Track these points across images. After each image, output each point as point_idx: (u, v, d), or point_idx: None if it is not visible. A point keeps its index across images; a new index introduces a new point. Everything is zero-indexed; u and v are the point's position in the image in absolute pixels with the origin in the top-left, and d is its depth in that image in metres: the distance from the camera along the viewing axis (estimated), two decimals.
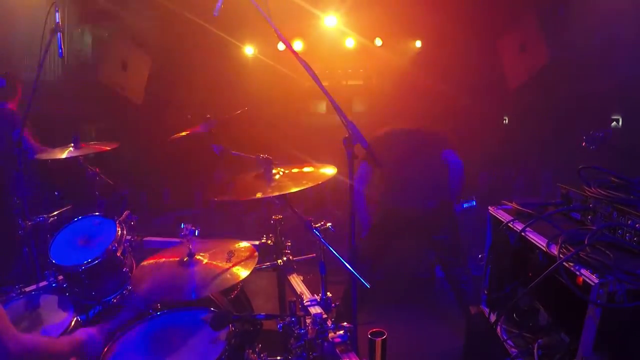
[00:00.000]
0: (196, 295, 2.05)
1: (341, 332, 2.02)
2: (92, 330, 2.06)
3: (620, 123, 5.07)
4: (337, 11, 6.17)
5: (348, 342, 2.01)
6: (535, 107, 6.01)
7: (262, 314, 2.17)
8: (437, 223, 3.82)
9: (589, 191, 2.13)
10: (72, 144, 3.14)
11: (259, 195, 2.17)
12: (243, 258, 2.26)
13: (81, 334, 2.02)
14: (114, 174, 3.38)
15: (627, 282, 1.59)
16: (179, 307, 2.37)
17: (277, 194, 2.13)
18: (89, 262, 2.53)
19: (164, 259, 2.33)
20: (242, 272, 2.17)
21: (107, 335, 2.09)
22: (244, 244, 2.43)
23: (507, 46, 6.30)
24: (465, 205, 4.08)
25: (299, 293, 2.43)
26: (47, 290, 2.64)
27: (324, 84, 2.05)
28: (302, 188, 2.14)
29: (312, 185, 2.17)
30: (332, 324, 2.06)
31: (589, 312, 1.64)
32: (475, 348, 2.72)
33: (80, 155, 3.12)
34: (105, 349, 2.05)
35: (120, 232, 2.72)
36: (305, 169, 2.43)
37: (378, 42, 6.73)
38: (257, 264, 2.26)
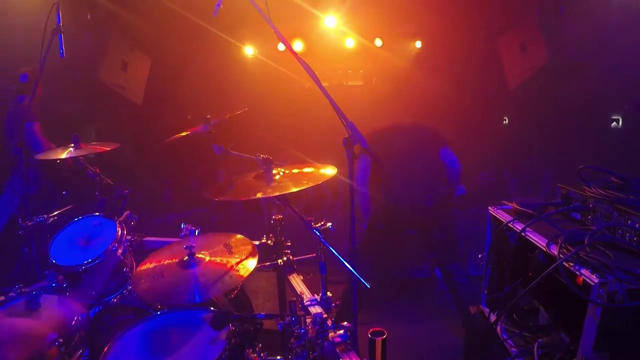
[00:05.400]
0: (200, 299, 2.04)
1: (341, 331, 2.02)
2: (65, 299, 1.96)
3: (620, 123, 5.07)
4: (337, 11, 6.16)
5: (348, 341, 2.01)
6: (535, 106, 6.01)
7: (262, 313, 2.17)
8: (434, 220, 3.83)
9: (589, 191, 2.13)
10: (72, 144, 3.15)
11: (259, 195, 2.17)
12: (244, 256, 2.25)
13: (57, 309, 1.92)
14: (114, 173, 3.39)
15: (627, 281, 1.59)
16: (179, 307, 2.36)
17: (277, 194, 2.13)
18: (89, 262, 2.54)
19: (164, 260, 2.31)
20: (248, 266, 2.16)
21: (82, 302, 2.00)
22: (239, 236, 2.42)
23: (507, 46, 6.30)
24: (457, 194, 4.09)
25: (299, 293, 2.43)
26: (47, 290, 2.63)
27: (324, 84, 2.05)
28: (302, 188, 2.14)
29: (312, 185, 2.17)
30: (332, 323, 2.06)
31: (589, 312, 1.64)
32: (475, 348, 2.72)
33: (81, 156, 3.13)
34: (106, 348, 2.04)
35: (120, 232, 2.73)
36: (306, 169, 2.43)
37: (378, 42, 6.73)
38: (257, 264, 2.26)
